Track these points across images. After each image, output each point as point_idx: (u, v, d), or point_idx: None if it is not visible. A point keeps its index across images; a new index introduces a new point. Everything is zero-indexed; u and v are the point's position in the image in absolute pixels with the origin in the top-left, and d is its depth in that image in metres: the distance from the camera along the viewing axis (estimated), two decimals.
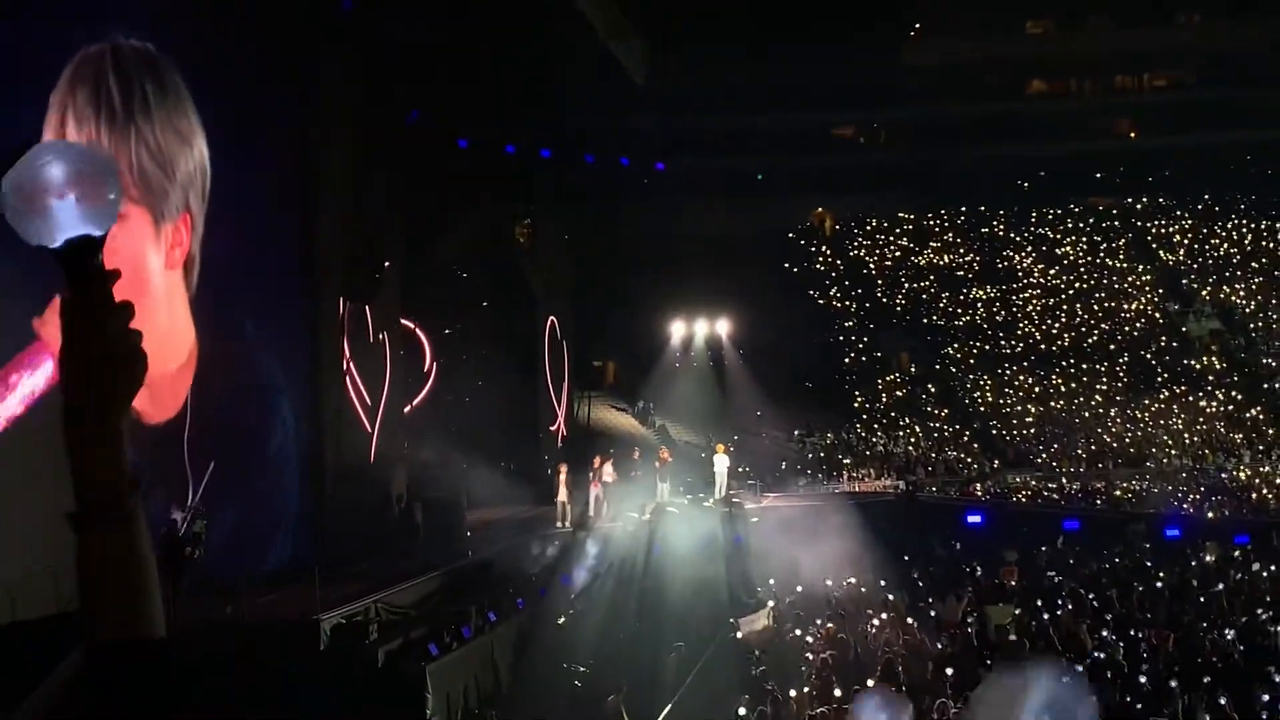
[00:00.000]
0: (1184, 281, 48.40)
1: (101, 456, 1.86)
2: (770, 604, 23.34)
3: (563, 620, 21.52)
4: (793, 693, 16.36)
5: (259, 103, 20.20)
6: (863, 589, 24.13)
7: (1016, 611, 20.61)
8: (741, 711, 15.50)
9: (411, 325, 27.16)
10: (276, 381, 20.47)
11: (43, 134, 15.80)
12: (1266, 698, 14.62)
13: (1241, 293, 47.30)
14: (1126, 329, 46.64)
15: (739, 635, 21.45)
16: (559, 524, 26.20)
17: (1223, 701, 14.59)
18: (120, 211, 1.86)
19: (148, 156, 16.96)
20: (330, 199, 22.14)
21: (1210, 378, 43.62)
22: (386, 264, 24.18)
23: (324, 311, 22.11)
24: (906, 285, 49.41)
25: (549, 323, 34.60)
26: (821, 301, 48.42)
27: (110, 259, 1.87)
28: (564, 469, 27.16)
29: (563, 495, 26.63)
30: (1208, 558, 25.95)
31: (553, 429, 34.32)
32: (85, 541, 1.86)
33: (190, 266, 17.70)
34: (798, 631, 21.31)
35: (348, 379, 22.91)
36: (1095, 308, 47.65)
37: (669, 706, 16.95)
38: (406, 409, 26.28)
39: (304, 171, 21.58)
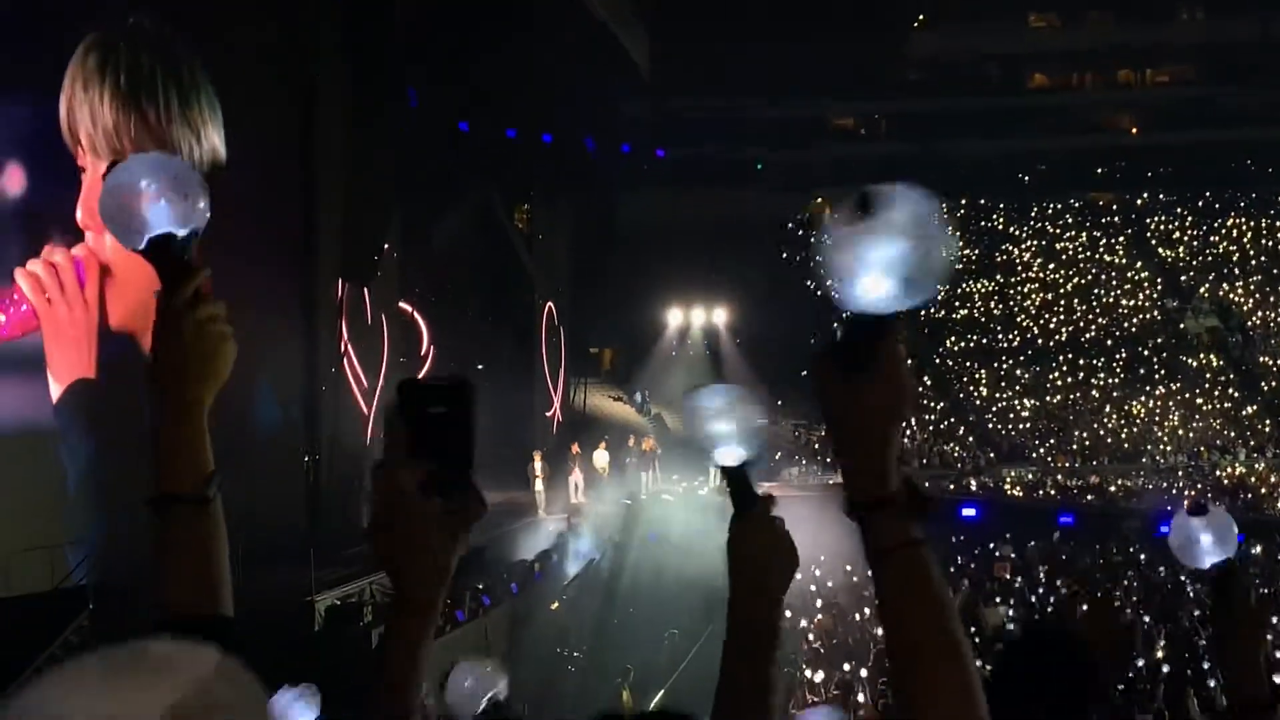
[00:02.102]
0: (1183, 278, 48.41)
1: (188, 446, 1.96)
2: None
3: (556, 605, 21.55)
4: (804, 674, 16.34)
5: (256, 84, 20.13)
6: (855, 579, 24.15)
7: (1010, 614, 20.58)
8: None
9: (409, 308, 27.13)
10: (273, 363, 20.44)
11: (58, 111, 15.82)
12: None
13: (1240, 291, 47.32)
14: (1124, 325, 46.66)
15: None
16: (539, 512, 26.22)
17: (1211, 684, 14.62)
18: None
19: (148, 137, 16.91)
20: (329, 181, 22.09)
21: (1207, 375, 43.65)
22: (385, 246, 24.15)
23: (322, 293, 22.08)
24: None
25: (546, 309, 34.57)
26: (820, 293, 48.29)
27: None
28: (538, 457, 27.14)
29: (539, 485, 26.60)
30: None
31: (549, 415, 34.31)
32: (166, 524, 1.94)
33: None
34: (796, 618, 21.37)
35: (345, 361, 22.89)
36: (1093, 303, 47.66)
37: (662, 692, 16.97)
38: None
39: (302, 153, 21.53)
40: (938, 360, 45.26)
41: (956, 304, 47.92)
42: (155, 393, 1.97)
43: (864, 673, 16.87)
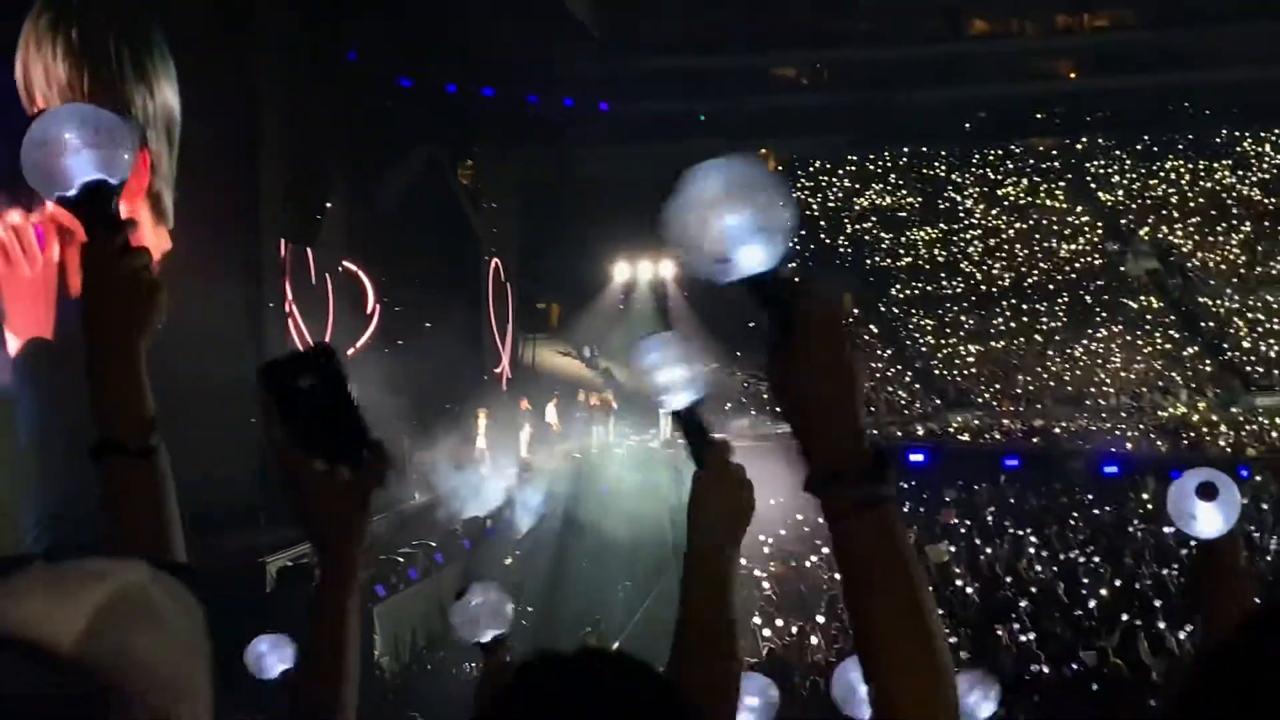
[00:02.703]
0: (1123, 222, 48.85)
1: (124, 391, 1.99)
2: None
3: (510, 561, 21.60)
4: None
5: (194, 40, 19.84)
6: (807, 528, 24.33)
7: (951, 549, 20.82)
8: None
9: (354, 267, 26.93)
10: (217, 322, 20.25)
11: (14, 67, 15.61)
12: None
13: (1180, 233, 47.83)
14: (1066, 269, 47.08)
15: None
16: (481, 470, 26.19)
17: (1162, 626, 14.86)
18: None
19: (101, 94, 16.69)
20: (270, 139, 21.84)
21: (1148, 317, 44.16)
22: (328, 205, 23.93)
23: (265, 252, 21.88)
24: (849, 227, 49.56)
25: (493, 265, 34.43)
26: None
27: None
28: (482, 414, 27.03)
29: (481, 441, 26.53)
30: (1145, 495, 26.40)
31: (497, 371, 34.25)
32: (110, 475, 1.97)
33: (157, 205, 17.56)
34: (751, 566, 21.55)
35: (290, 321, 22.72)
36: (1035, 248, 48.04)
37: (616, 644, 17.06)
38: (350, 351, 26.11)
39: (244, 112, 21.26)
40: (882, 308, 45.52)
41: (900, 251, 48.19)
42: (90, 341, 1.98)
43: (820, 619, 17.04)
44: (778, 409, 1.72)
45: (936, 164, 51.83)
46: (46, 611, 1.08)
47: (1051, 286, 46.09)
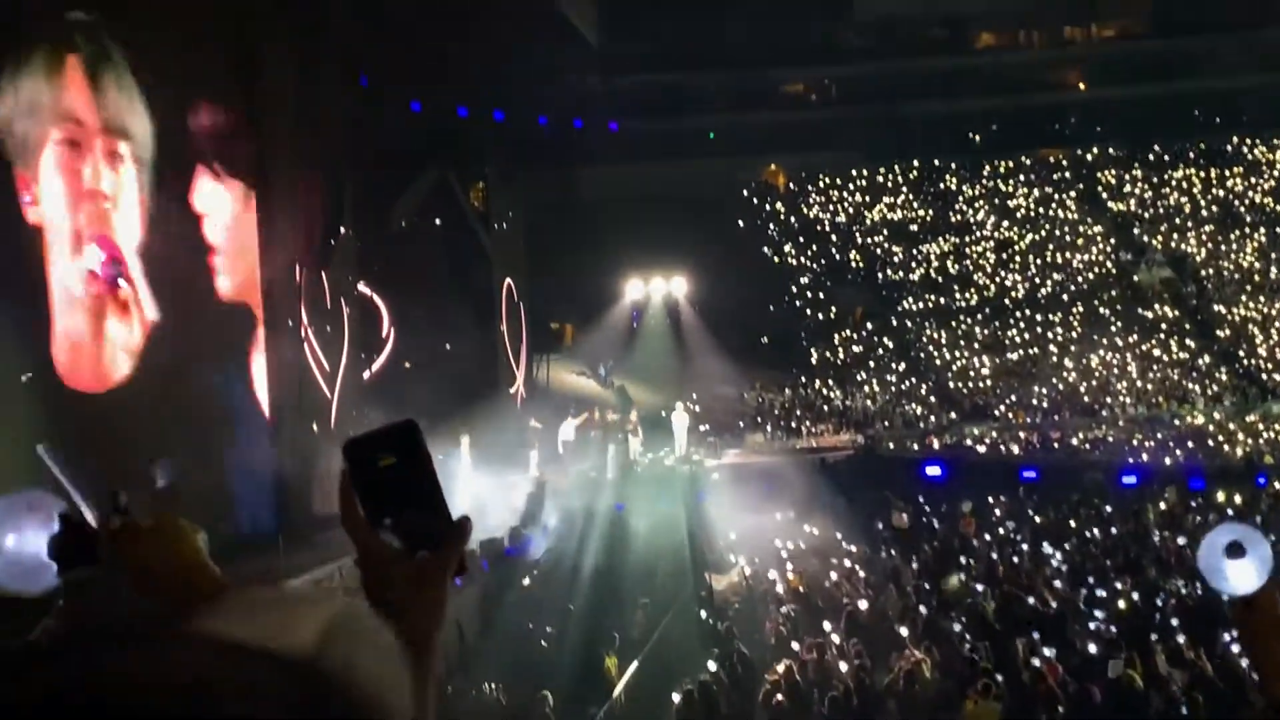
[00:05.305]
0: (1135, 231, 48.78)
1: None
2: (740, 561, 23.46)
3: (528, 581, 21.58)
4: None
5: (206, 68, 19.98)
6: (824, 544, 24.32)
7: (962, 578, 20.63)
8: (712, 667, 15.64)
9: (368, 291, 27.01)
10: (232, 348, 20.35)
11: None
12: (1228, 638, 14.81)
13: (1193, 241, 47.75)
14: (1079, 279, 47.00)
15: (713, 589, 21.58)
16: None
17: (1181, 640, 14.80)
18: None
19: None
20: (282, 164, 21.95)
21: (1163, 326, 44.07)
22: (341, 230, 24.04)
23: (280, 277, 21.95)
24: (860, 240, 49.57)
25: (505, 286, 34.50)
26: (776, 259, 48.52)
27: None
28: (464, 439, 26.61)
29: (467, 466, 26.11)
30: (1163, 505, 26.34)
31: (512, 391, 34.28)
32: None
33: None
34: (771, 576, 21.56)
35: (305, 345, 22.79)
36: (1048, 259, 47.98)
37: (636, 662, 17.05)
38: (366, 374, 26.17)
39: (255, 135, 21.37)
40: (896, 322, 45.49)
41: (913, 265, 48.16)
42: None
43: (835, 638, 16.99)
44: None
45: (947, 176, 51.83)
46: (281, 625, 1.12)
47: (1065, 297, 46.03)
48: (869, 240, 49.45)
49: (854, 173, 51.97)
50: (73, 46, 16.53)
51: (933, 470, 30.54)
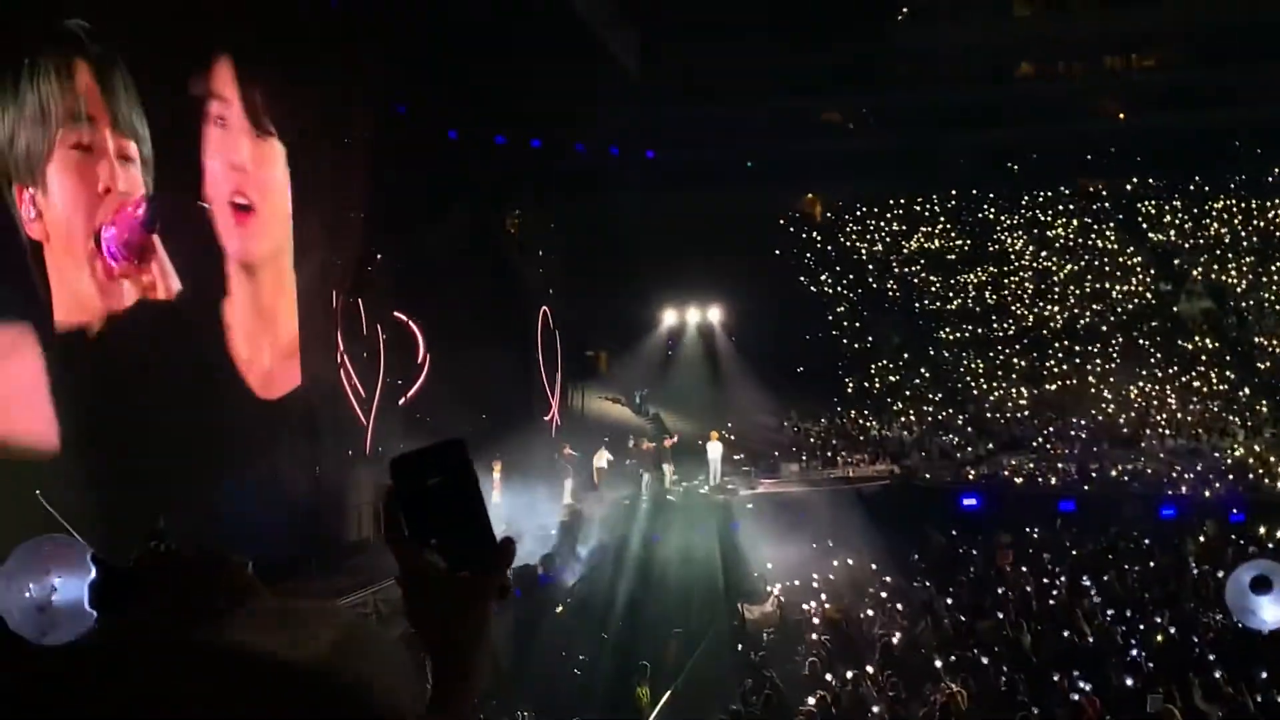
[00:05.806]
0: (1175, 261, 48.44)
1: None
2: (774, 591, 23.37)
3: (561, 609, 21.57)
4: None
5: (246, 97, 20.16)
6: (859, 574, 24.17)
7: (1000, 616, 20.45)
8: (745, 699, 15.57)
9: (404, 317, 27.15)
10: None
11: None
12: (1265, 675, 14.63)
13: (1233, 272, 47.37)
14: (1118, 310, 46.69)
15: (747, 619, 21.48)
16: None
17: (1218, 675, 14.62)
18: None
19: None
20: (319, 193, 22.11)
21: (1203, 357, 43.69)
22: (378, 256, 24.18)
23: (317, 305, 22.10)
24: (897, 270, 49.44)
25: (541, 313, 34.60)
26: (813, 288, 48.46)
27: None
28: (497, 466, 26.56)
29: (496, 495, 25.99)
30: (1202, 538, 26.07)
31: (547, 419, 34.33)
32: None
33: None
34: (805, 607, 21.42)
35: (342, 372, 22.92)
36: (1087, 289, 47.68)
37: (668, 693, 16.98)
38: (401, 401, 26.27)
39: (293, 162, 21.55)
40: (933, 352, 45.28)
41: (951, 295, 47.97)
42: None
43: (869, 669, 16.87)
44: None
45: (986, 206, 51.64)
46: (291, 641, 1.12)
47: (1104, 328, 45.69)
48: (906, 270, 49.31)
49: (891, 202, 51.86)
50: (82, 52, 16.70)
51: (969, 501, 30.34)
